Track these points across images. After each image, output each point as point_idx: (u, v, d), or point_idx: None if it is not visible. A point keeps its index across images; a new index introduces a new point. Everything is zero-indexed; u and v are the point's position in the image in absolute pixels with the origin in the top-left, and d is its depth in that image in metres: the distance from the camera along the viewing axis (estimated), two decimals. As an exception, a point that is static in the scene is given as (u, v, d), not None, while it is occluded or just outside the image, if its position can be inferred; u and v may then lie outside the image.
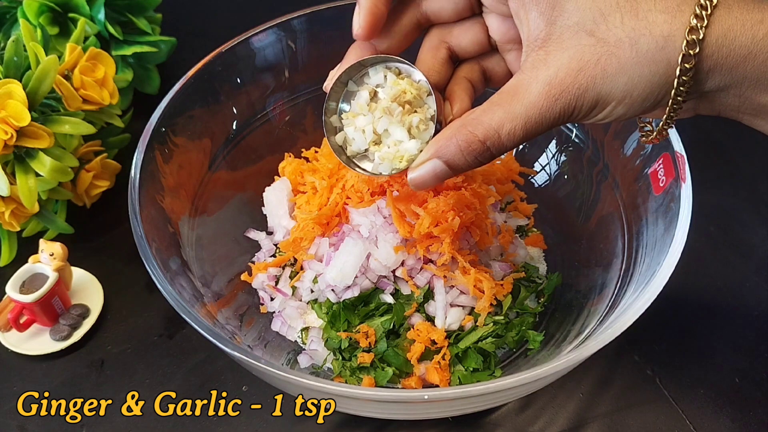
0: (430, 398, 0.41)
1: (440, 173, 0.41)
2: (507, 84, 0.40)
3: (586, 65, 0.37)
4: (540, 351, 0.55)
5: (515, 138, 0.39)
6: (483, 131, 0.39)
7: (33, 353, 0.60)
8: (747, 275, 0.66)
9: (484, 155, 0.40)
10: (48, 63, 0.58)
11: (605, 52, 0.36)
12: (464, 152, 0.40)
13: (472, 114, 0.40)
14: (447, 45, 0.46)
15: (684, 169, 0.49)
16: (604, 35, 0.36)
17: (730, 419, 0.55)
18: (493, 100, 0.40)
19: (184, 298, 0.48)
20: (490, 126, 0.39)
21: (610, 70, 0.37)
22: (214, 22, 0.99)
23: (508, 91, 0.39)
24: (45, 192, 0.63)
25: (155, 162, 0.55)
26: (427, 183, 0.42)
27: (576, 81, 0.37)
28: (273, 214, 0.64)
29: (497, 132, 0.39)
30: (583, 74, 0.37)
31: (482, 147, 0.39)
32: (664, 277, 0.45)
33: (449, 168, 0.41)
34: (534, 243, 0.64)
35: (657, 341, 0.60)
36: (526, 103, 0.38)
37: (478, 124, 0.39)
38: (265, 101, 0.67)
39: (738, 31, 0.36)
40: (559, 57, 0.37)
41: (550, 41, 0.38)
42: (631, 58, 0.36)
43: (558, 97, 0.38)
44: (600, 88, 0.37)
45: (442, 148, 0.40)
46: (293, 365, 0.57)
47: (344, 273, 0.55)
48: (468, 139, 0.39)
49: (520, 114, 0.38)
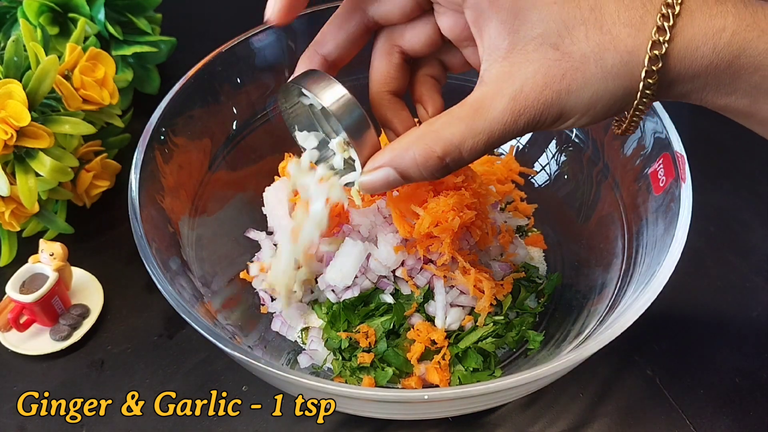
0: (430, 398, 0.41)
1: (392, 182, 0.40)
2: (469, 97, 0.38)
3: (551, 81, 0.36)
4: (540, 351, 0.55)
5: (476, 153, 0.38)
6: (443, 147, 0.38)
7: (33, 353, 0.60)
8: (747, 275, 0.66)
9: (441, 170, 0.39)
10: (48, 63, 0.58)
11: (570, 68, 0.36)
12: (420, 166, 0.39)
13: (432, 126, 0.39)
14: (399, 48, 0.45)
15: (684, 169, 0.49)
16: (569, 49, 0.36)
17: (730, 419, 0.55)
18: (455, 113, 0.38)
19: (184, 298, 0.48)
20: (451, 142, 0.38)
21: (575, 85, 0.36)
22: (215, 22, 0.99)
23: (471, 105, 0.38)
24: (45, 192, 0.63)
25: (155, 162, 0.55)
26: (377, 189, 0.41)
27: (541, 96, 0.36)
28: (273, 214, 0.64)
29: (458, 148, 0.38)
30: (549, 90, 0.36)
31: (440, 163, 0.38)
32: (664, 277, 0.45)
33: (402, 178, 0.40)
34: (534, 243, 0.64)
35: (657, 341, 0.60)
36: (490, 119, 0.37)
37: (439, 139, 0.38)
38: (265, 101, 0.67)
39: (700, 41, 0.35)
40: (524, 70, 0.37)
41: (513, 52, 0.37)
42: (596, 74, 0.36)
43: (522, 112, 0.37)
44: (565, 102, 0.37)
45: (397, 158, 0.39)
46: (293, 365, 0.57)
47: (344, 273, 0.55)
48: (426, 154, 0.38)
49: (483, 130, 0.37)
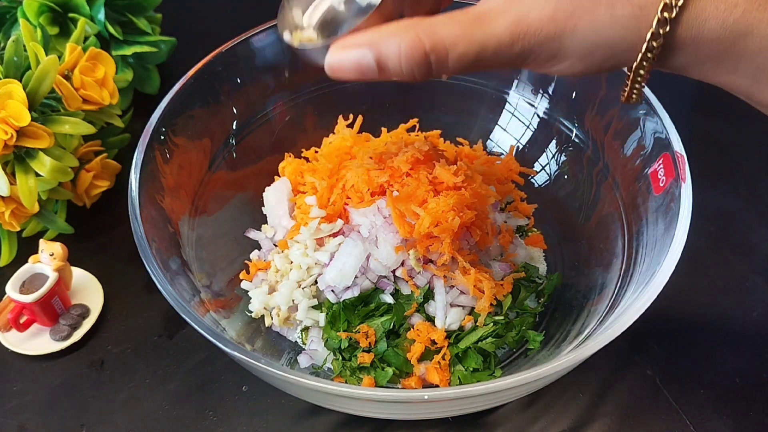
0: (430, 398, 0.41)
1: (365, 67, 0.37)
2: (474, 7, 0.37)
3: (559, 14, 0.36)
4: (540, 351, 0.55)
5: (463, 63, 0.37)
6: (432, 41, 0.36)
7: (33, 353, 0.60)
8: (747, 275, 0.66)
9: (422, 68, 0.37)
10: (48, 63, 0.58)
11: (580, 7, 0.35)
12: (402, 56, 0.36)
13: (428, 20, 0.37)
14: None
15: (684, 169, 0.49)
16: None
17: (731, 419, 0.55)
18: (455, 17, 0.37)
19: (184, 298, 0.48)
20: (443, 40, 0.36)
21: (581, 25, 0.36)
22: (215, 22, 0.99)
23: (474, 13, 0.37)
24: (45, 192, 0.63)
25: (155, 162, 0.55)
26: (344, 71, 0.38)
27: (545, 27, 0.36)
28: (273, 214, 0.64)
29: (447, 50, 0.36)
30: (553, 23, 0.36)
31: (424, 58, 0.36)
32: (664, 277, 0.45)
33: (377, 66, 0.37)
34: (534, 243, 0.64)
35: (657, 341, 0.60)
36: (488, 32, 0.36)
37: (431, 33, 0.36)
38: (265, 101, 0.67)
39: (710, 13, 0.35)
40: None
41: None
42: (603, 20, 0.35)
43: (521, 37, 0.36)
44: (566, 41, 0.36)
45: (380, 40, 0.36)
46: (293, 365, 0.57)
47: (344, 273, 0.55)
48: (413, 44, 0.36)
49: (478, 40, 0.36)
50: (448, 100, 0.71)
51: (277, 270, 0.59)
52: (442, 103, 0.71)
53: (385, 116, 0.71)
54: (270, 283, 0.59)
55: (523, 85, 0.67)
